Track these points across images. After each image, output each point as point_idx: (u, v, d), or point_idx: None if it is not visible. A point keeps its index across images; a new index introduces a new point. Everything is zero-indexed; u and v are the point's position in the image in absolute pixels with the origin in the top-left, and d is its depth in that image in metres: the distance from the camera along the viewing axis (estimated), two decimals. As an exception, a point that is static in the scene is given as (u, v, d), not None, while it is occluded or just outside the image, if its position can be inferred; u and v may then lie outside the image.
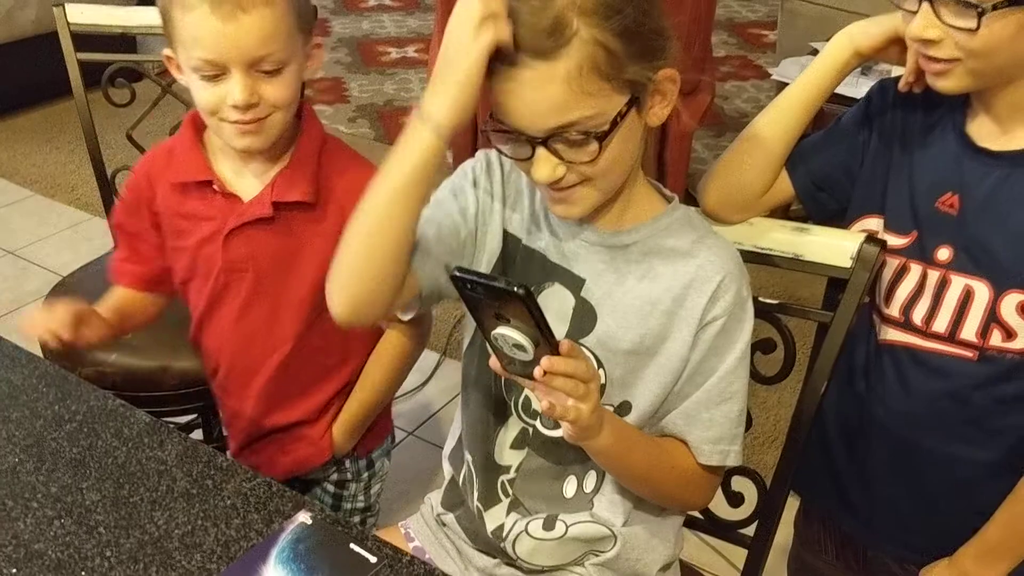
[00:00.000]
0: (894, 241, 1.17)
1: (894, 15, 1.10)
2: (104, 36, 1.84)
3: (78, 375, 1.63)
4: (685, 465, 1.10)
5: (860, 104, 1.23)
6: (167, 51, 1.23)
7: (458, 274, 0.88)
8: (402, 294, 1.02)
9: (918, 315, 1.15)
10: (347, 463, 1.49)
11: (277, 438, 1.42)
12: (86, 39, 1.84)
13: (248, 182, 1.30)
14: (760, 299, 1.25)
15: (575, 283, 1.08)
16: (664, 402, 1.09)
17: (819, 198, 1.24)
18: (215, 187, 1.29)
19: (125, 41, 2.06)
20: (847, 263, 1.18)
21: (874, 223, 1.19)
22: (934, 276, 1.14)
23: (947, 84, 1.07)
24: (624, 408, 1.09)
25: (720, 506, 1.33)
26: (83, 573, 0.92)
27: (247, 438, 1.44)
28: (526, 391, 1.11)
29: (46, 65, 1.81)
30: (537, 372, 0.90)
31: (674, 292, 1.05)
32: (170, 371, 1.69)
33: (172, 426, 1.11)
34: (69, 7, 1.82)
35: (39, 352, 1.38)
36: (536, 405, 1.12)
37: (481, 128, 1.00)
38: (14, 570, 0.92)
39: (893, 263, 1.18)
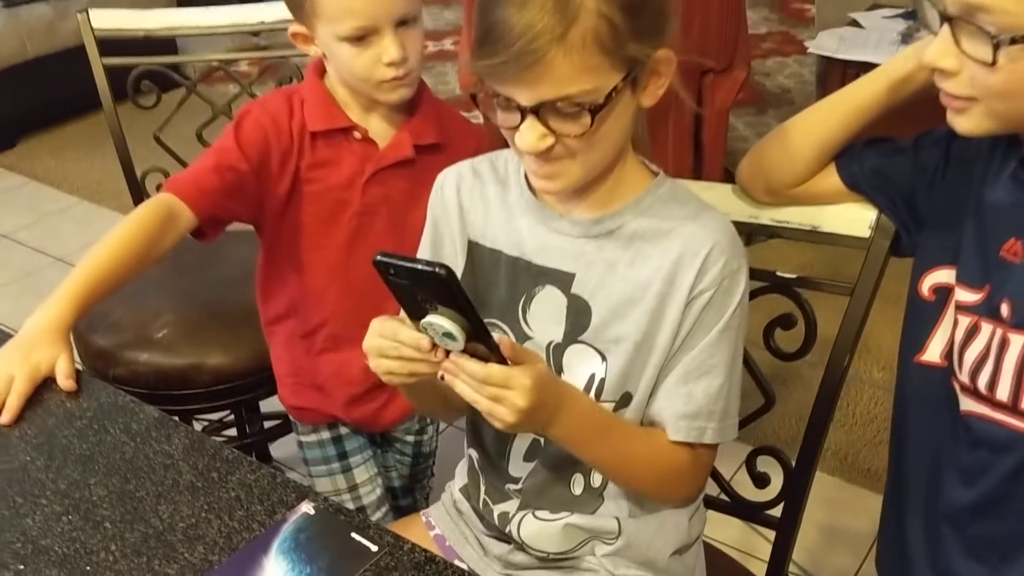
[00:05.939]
0: (965, 296, 1.01)
1: None
2: (137, 40, 1.86)
3: (111, 376, 1.67)
4: (665, 454, 1.04)
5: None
6: (295, 27, 1.33)
7: (380, 258, 0.84)
8: None
9: (983, 381, 0.99)
10: None
11: (376, 394, 1.45)
12: (119, 44, 1.86)
13: (377, 129, 1.38)
14: (778, 273, 1.22)
15: (564, 280, 1.05)
16: (654, 385, 1.05)
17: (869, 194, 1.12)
18: (356, 134, 1.36)
19: (158, 43, 2.09)
20: (866, 233, 1.14)
21: (945, 275, 1.04)
22: (997, 335, 0.98)
23: (965, 124, 0.94)
24: (625, 400, 1.05)
25: (746, 487, 1.31)
26: (88, 567, 0.92)
27: (351, 397, 1.46)
28: None
29: (88, 74, 1.86)
30: (452, 357, 0.88)
31: (664, 271, 1.01)
32: (203, 369, 1.69)
33: (179, 420, 1.11)
34: (93, 13, 1.84)
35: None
36: None
37: (469, 92, 0.98)
38: (21, 566, 0.92)
39: (964, 322, 1.01)
